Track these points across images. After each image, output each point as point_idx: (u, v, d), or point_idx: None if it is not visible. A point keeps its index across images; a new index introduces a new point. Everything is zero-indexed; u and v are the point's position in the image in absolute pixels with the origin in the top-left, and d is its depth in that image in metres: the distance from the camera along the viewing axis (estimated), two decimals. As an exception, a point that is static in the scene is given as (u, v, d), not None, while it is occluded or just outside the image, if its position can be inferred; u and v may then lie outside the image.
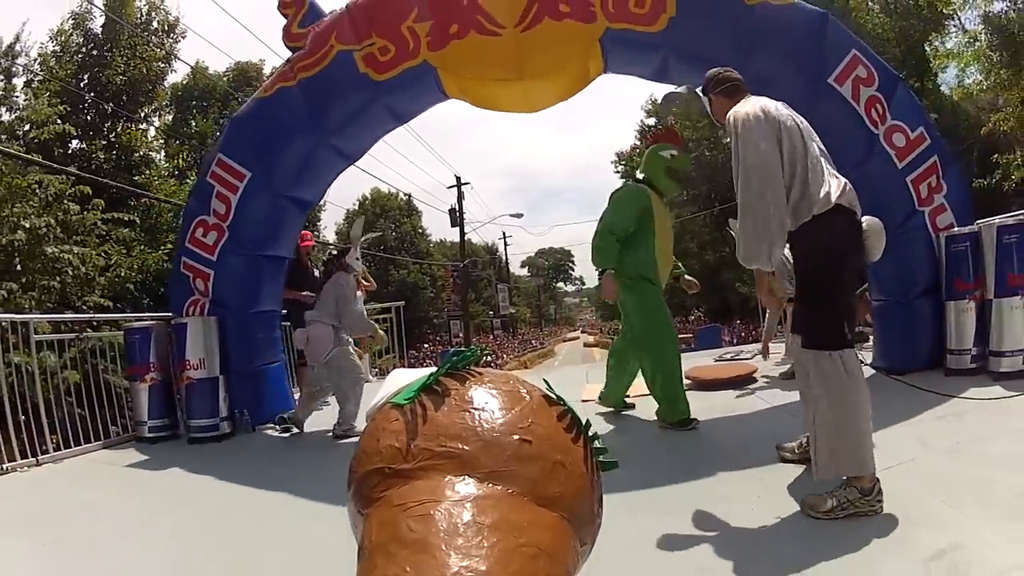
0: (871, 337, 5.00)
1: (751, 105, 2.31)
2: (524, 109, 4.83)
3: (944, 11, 11.97)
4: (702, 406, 3.95)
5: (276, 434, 4.77)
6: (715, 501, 2.38)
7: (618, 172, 33.14)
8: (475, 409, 0.61)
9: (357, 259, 4.69)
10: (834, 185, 2.20)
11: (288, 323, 5.83)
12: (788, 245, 2.30)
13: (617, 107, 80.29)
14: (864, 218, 2.27)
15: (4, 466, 4.12)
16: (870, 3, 17.88)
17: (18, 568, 2.51)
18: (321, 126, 4.70)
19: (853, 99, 4.13)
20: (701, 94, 2.74)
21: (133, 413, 5.01)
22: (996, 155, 12.32)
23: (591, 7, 4.14)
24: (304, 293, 5.43)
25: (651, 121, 26.87)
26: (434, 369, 0.63)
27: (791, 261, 2.63)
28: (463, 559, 0.50)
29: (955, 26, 12.80)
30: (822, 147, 2.34)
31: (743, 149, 2.22)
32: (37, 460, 4.32)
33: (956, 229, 4.11)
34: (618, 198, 3.78)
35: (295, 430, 4.73)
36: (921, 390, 3.20)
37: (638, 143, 29.78)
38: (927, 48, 12.52)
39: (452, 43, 4.28)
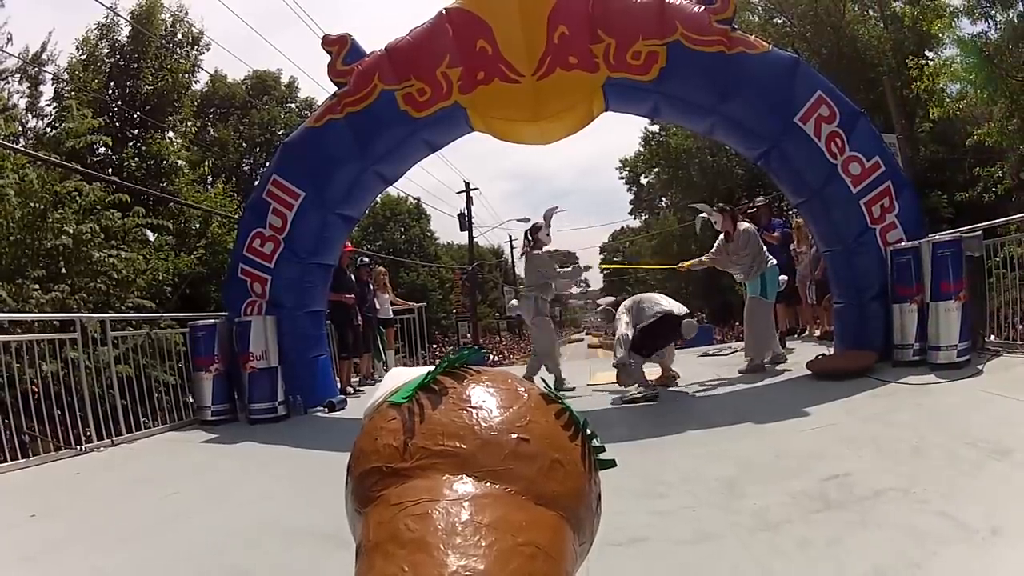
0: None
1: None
2: (540, 142, 5.65)
3: (930, 30, 12.52)
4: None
5: (324, 415, 5.56)
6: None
7: (623, 178, 33.64)
8: (473, 407, 0.60)
9: (547, 235, 5.56)
10: (661, 308, 5.02)
11: (331, 321, 6.58)
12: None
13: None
14: (684, 320, 4.97)
15: (82, 447, 4.71)
16: (870, 12, 18.52)
17: (160, 510, 3.14)
18: (366, 155, 5.48)
19: (815, 135, 4.90)
20: None
21: (196, 399, 5.70)
22: (978, 168, 12.87)
23: (595, 59, 4.93)
24: (346, 295, 6.19)
25: (655, 128, 27.22)
26: (432, 367, 0.66)
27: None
28: (461, 558, 0.49)
29: (949, 39, 13.19)
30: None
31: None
32: (112, 441, 4.92)
33: (899, 244, 4.86)
34: None
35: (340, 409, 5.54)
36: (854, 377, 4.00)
37: (642, 149, 30.22)
38: (909, 65, 13.03)
39: (480, 88, 5.07)
